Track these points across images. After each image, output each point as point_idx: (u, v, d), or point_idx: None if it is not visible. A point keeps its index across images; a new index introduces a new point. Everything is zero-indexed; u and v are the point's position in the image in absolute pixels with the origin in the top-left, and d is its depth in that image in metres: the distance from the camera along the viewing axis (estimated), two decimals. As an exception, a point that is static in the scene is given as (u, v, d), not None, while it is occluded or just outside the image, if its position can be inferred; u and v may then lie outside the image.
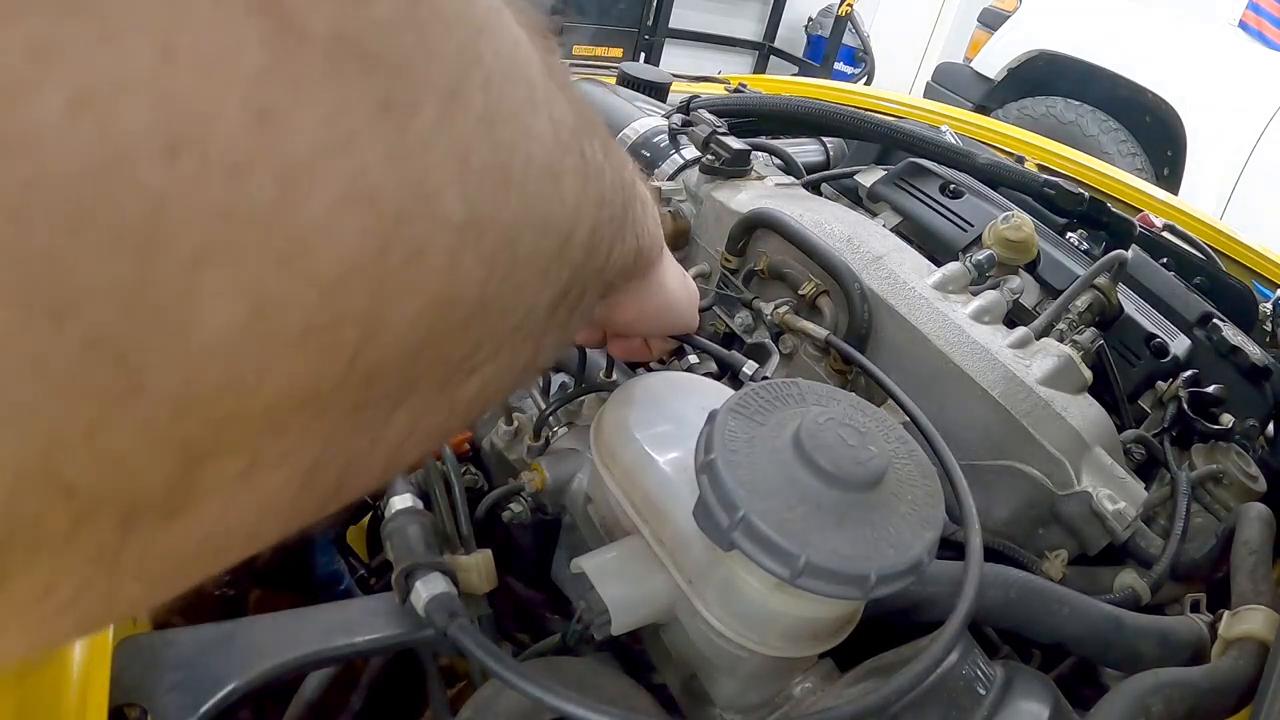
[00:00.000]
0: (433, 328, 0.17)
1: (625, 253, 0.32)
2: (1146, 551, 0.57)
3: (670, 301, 0.43)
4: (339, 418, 0.17)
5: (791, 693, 0.42)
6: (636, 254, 0.34)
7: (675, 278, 0.44)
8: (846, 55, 5.10)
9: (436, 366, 0.19)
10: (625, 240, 0.32)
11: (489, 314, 0.19)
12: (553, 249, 0.22)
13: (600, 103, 0.96)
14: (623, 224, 0.30)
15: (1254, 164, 2.99)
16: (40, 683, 0.29)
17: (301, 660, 0.40)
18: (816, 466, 0.34)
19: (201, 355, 0.13)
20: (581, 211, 0.23)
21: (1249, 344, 0.75)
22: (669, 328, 0.47)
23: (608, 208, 0.27)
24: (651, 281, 0.41)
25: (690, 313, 0.47)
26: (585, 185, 0.23)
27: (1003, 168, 0.81)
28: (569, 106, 0.23)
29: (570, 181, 0.22)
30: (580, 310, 0.29)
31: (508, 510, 0.53)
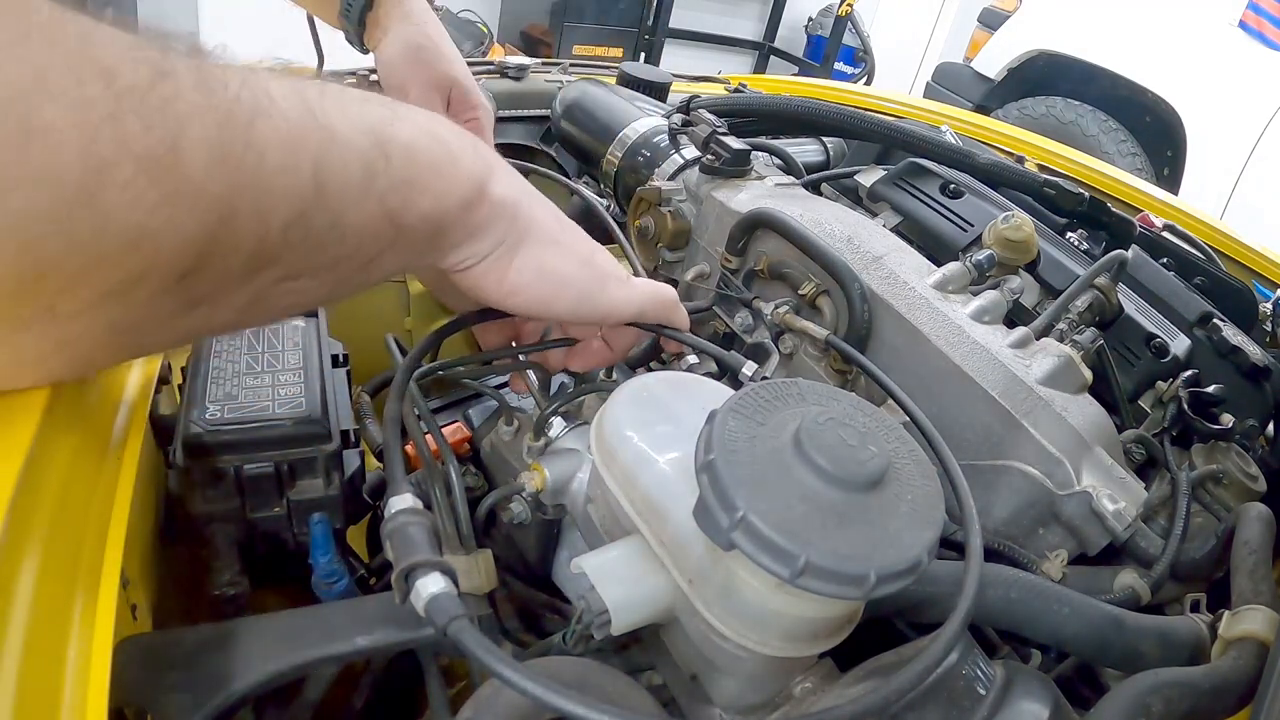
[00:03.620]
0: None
1: (382, 211, 0.36)
2: (1146, 551, 0.57)
3: (548, 281, 0.45)
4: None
5: (791, 693, 0.42)
6: (390, 222, 0.37)
7: (558, 258, 0.46)
8: (846, 55, 5.10)
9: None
10: (380, 200, 0.36)
11: (37, 287, 0.27)
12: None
13: (600, 103, 0.96)
14: (313, 199, 0.33)
15: (1254, 164, 2.99)
16: (40, 682, 0.29)
17: (301, 661, 0.40)
18: (816, 466, 0.34)
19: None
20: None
21: (1249, 344, 0.75)
22: (567, 310, 0.47)
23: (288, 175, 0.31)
24: (503, 253, 0.44)
25: (604, 300, 0.48)
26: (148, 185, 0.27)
27: (1003, 168, 0.81)
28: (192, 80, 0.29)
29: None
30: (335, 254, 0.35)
31: (508, 510, 0.53)
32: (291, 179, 0.32)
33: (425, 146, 0.39)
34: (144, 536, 0.45)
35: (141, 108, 0.27)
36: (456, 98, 0.83)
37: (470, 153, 0.42)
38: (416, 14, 0.83)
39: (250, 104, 0.31)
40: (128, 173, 0.27)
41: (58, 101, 0.25)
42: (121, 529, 0.37)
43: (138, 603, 0.41)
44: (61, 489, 0.36)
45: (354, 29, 0.84)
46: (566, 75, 1.18)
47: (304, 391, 0.52)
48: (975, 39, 3.91)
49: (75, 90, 0.25)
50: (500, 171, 0.44)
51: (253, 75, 0.32)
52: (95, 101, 0.26)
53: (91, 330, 0.30)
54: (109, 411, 0.44)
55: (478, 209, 0.42)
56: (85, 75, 0.26)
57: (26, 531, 0.32)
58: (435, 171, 0.39)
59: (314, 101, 0.34)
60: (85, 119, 0.26)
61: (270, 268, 0.33)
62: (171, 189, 0.28)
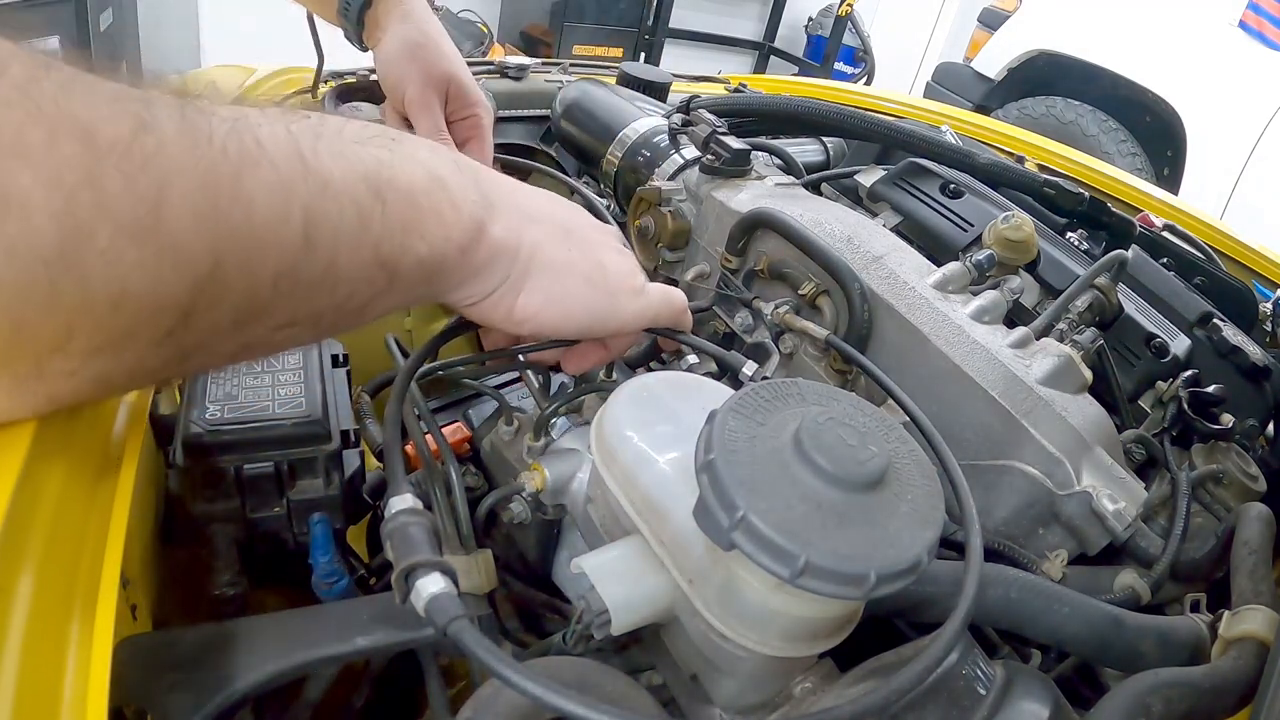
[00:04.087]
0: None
1: (375, 259, 0.35)
2: (1146, 551, 0.57)
3: (558, 307, 0.45)
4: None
5: (791, 693, 0.42)
6: (383, 269, 0.36)
7: (564, 282, 0.45)
8: (846, 55, 5.10)
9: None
10: (375, 248, 0.35)
11: (22, 350, 0.27)
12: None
13: (600, 103, 0.96)
14: (304, 250, 0.32)
15: (1254, 164, 2.99)
16: (40, 682, 0.29)
17: (301, 661, 0.40)
18: (816, 466, 0.34)
19: None
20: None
21: (1249, 344, 0.75)
22: (580, 330, 0.47)
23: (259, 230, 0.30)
24: (505, 290, 0.43)
25: (617, 316, 0.48)
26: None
27: (1003, 168, 0.81)
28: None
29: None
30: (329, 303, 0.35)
31: (508, 510, 0.53)
32: (280, 231, 0.31)
33: (424, 189, 0.38)
34: (144, 536, 0.45)
35: (122, 165, 0.26)
36: (455, 95, 0.83)
37: (471, 192, 0.41)
38: (415, 12, 0.83)
39: (237, 154, 0.30)
40: (107, 237, 0.26)
41: (32, 164, 0.24)
42: (121, 529, 0.37)
43: (138, 603, 0.41)
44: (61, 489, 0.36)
45: (353, 27, 0.84)
46: (566, 75, 1.18)
47: (304, 391, 0.52)
48: (975, 39, 3.91)
49: (50, 152, 0.25)
50: (500, 208, 0.43)
51: (241, 120, 0.31)
52: (72, 163, 0.25)
53: (83, 383, 0.30)
54: (109, 411, 0.44)
55: (477, 251, 0.41)
56: (61, 135, 0.25)
57: (27, 531, 0.32)
58: (434, 216, 0.38)
59: (307, 146, 0.33)
60: (62, 181, 0.25)
61: (260, 319, 0.33)
62: (154, 249, 0.27)
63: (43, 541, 0.33)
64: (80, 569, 0.35)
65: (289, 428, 0.50)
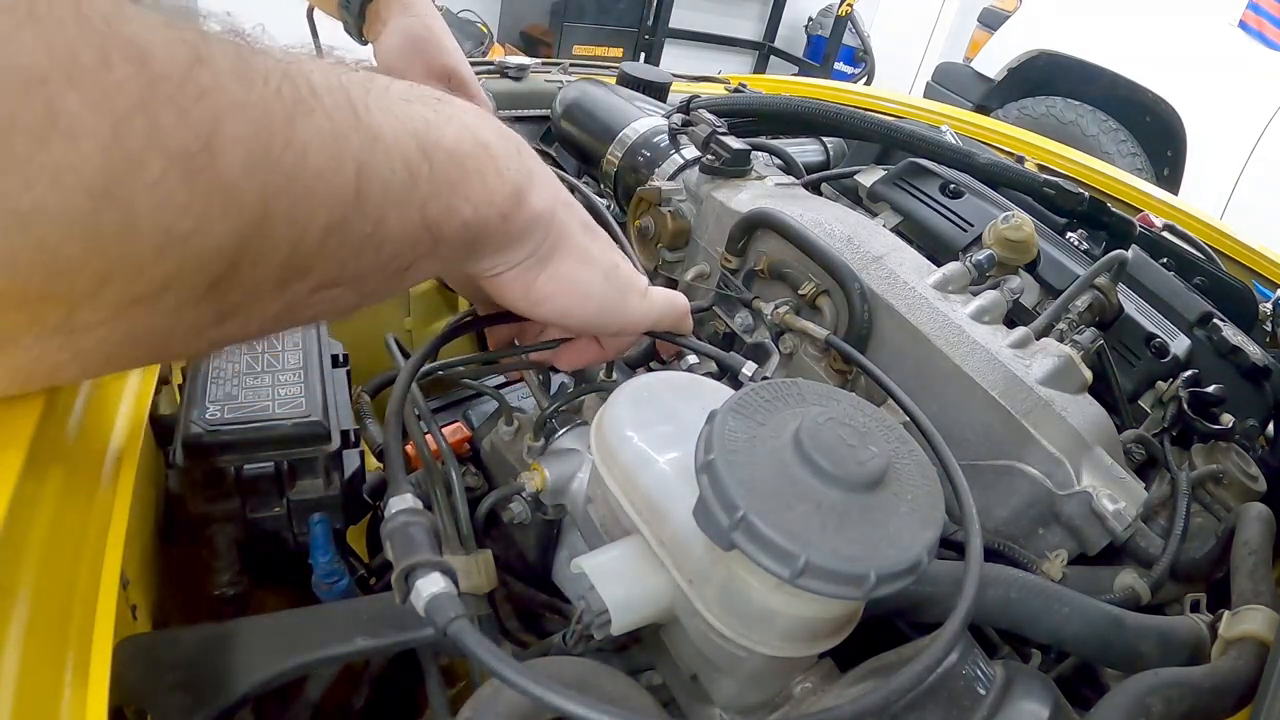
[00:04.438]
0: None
1: (422, 219, 0.35)
2: (1146, 551, 0.57)
3: (573, 293, 0.45)
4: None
5: (791, 693, 0.42)
6: (428, 230, 0.35)
7: (583, 269, 0.45)
8: (846, 55, 5.10)
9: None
10: (421, 208, 0.34)
11: (55, 296, 0.25)
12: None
13: (600, 103, 0.96)
14: (354, 204, 0.31)
15: (1254, 164, 2.99)
16: (40, 682, 0.29)
17: (301, 661, 0.40)
18: (816, 466, 0.34)
19: None
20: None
21: (1249, 344, 0.75)
22: (586, 322, 0.47)
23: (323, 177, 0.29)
24: (532, 264, 0.43)
25: (624, 313, 0.47)
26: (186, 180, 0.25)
27: (1003, 168, 0.81)
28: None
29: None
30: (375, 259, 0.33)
31: (508, 510, 0.53)
32: (332, 183, 0.30)
33: (469, 152, 0.37)
34: (144, 537, 0.45)
35: (176, 97, 0.24)
36: (456, 89, 0.83)
37: (514, 158, 0.40)
38: (416, 6, 0.82)
39: (292, 99, 0.28)
40: (157, 170, 0.24)
41: (83, 87, 0.22)
42: (121, 529, 0.37)
43: (138, 603, 0.41)
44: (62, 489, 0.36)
45: (353, 20, 0.84)
46: (566, 75, 1.18)
47: (304, 391, 0.52)
48: (975, 39, 3.91)
49: (103, 75, 0.23)
50: (539, 179, 0.42)
51: (295, 65, 0.29)
52: (125, 88, 0.23)
53: (112, 340, 0.28)
54: (109, 411, 0.44)
55: (515, 219, 0.40)
56: (114, 58, 0.23)
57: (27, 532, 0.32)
58: (478, 179, 0.37)
59: (358, 98, 0.32)
60: (113, 107, 0.23)
61: (304, 277, 0.31)
62: (204, 190, 0.25)
63: (43, 542, 0.32)
64: (80, 569, 0.35)
65: (289, 428, 0.50)
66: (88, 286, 0.25)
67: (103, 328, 0.27)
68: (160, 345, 0.30)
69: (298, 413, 0.51)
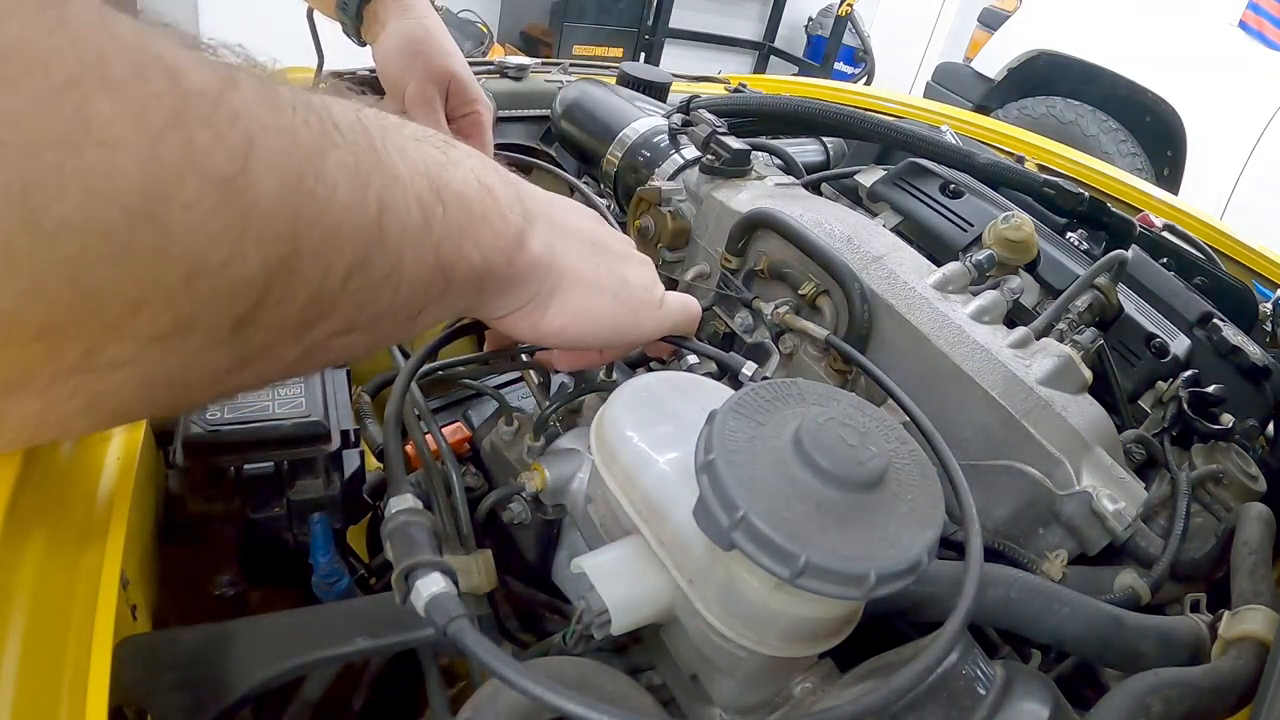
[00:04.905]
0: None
1: (436, 261, 0.34)
2: (1146, 551, 0.57)
3: (583, 321, 0.45)
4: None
5: (791, 693, 0.42)
6: (441, 273, 0.35)
7: (591, 298, 0.45)
8: (846, 55, 5.10)
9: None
10: (435, 249, 0.34)
11: (78, 328, 0.23)
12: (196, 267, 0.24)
13: (600, 103, 0.96)
14: (377, 244, 0.30)
15: (1254, 164, 2.99)
16: (40, 683, 0.29)
17: (301, 661, 0.40)
18: (816, 466, 0.34)
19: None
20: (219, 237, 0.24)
21: (1249, 344, 0.75)
22: (603, 343, 0.47)
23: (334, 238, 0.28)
24: (536, 304, 0.43)
25: (638, 329, 0.48)
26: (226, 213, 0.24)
27: (1003, 168, 0.81)
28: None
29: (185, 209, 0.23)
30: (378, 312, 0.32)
31: (508, 510, 0.53)
32: (357, 219, 0.29)
33: (476, 196, 0.37)
34: (144, 537, 0.45)
35: (211, 118, 0.23)
36: (455, 91, 0.83)
37: (515, 202, 0.40)
38: (414, 7, 0.82)
39: (318, 131, 0.28)
40: (194, 192, 0.23)
41: (118, 95, 0.21)
42: (121, 529, 0.37)
43: (138, 603, 0.41)
44: (61, 489, 0.36)
45: (351, 22, 0.83)
46: (566, 75, 1.18)
47: (304, 391, 0.53)
48: (975, 39, 3.91)
49: (138, 85, 0.22)
50: (538, 223, 0.42)
51: (314, 98, 0.29)
52: (161, 100, 0.22)
53: (130, 385, 0.26)
54: (109, 411, 0.44)
55: (518, 262, 0.40)
56: (148, 69, 0.22)
57: (26, 532, 0.32)
58: (484, 223, 0.37)
59: (376, 135, 0.31)
60: (149, 119, 0.22)
61: (325, 319, 0.30)
62: (239, 216, 0.24)
63: (42, 542, 0.33)
64: (80, 569, 0.35)
65: (289, 428, 0.50)
66: (115, 315, 0.23)
67: (123, 369, 0.25)
68: (176, 393, 0.28)
69: (298, 413, 0.51)
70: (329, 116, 0.29)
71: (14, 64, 0.19)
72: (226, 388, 0.30)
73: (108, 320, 0.23)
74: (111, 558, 0.36)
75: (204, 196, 0.23)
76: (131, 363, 0.25)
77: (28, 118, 0.20)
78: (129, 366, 0.25)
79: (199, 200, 0.23)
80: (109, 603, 0.34)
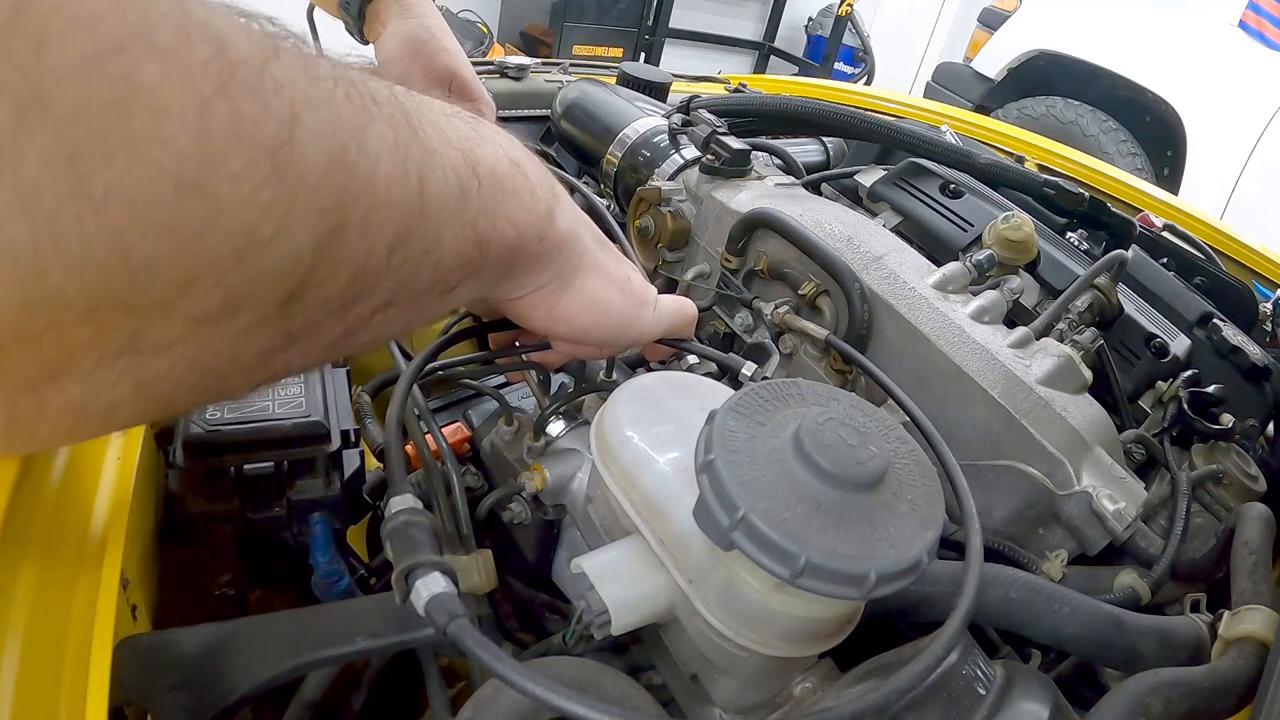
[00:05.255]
0: (30, 321, 0.21)
1: (474, 237, 0.34)
2: (1146, 551, 0.57)
3: (593, 311, 0.44)
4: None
5: (791, 693, 0.42)
6: (478, 247, 0.34)
7: (603, 287, 0.45)
8: (846, 55, 5.10)
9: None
10: (473, 224, 0.34)
11: (127, 307, 0.22)
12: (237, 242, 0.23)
13: (600, 103, 0.96)
14: (418, 218, 0.30)
15: (1254, 164, 2.99)
16: (40, 682, 0.29)
17: (301, 661, 0.40)
18: (816, 466, 0.34)
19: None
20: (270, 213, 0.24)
21: (1249, 344, 0.75)
22: (604, 338, 0.47)
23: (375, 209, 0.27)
24: (557, 285, 0.43)
25: (638, 326, 0.47)
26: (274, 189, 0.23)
27: (1003, 168, 0.81)
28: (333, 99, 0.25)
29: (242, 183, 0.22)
30: (421, 286, 0.32)
31: (508, 510, 0.53)
32: (399, 193, 0.29)
33: (507, 172, 0.37)
34: (144, 537, 0.45)
35: (257, 87, 0.23)
36: (457, 90, 0.83)
37: (544, 179, 0.40)
38: (416, 7, 0.82)
39: (359, 104, 0.27)
40: (242, 160, 0.22)
41: (165, 60, 0.20)
42: (121, 529, 0.38)
43: (138, 603, 0.41)
44: (61, 489, 0.36)
45: (354, 21, 0.84)
46: (566, 75, 1.18)
47: (304, 391, 0.53)
48: (975, 39, 3.91)
49: (184, 51, 0.21)
50: (563, 201, 0.42)
51: (349, 72, 0.28)
52: (208, 68, 0.21)
53: (178, 369, 0.25)
54: (109, 411, 0.44)
55: (548, 239, 0.40)
56: (193, 35, 0.21)
57: (26, 532, 0.32)
58: (515, 199, 0.37)
59: (411, 110, 0.31)
60: (196, 86, 0.21)
61: (369, 296, 0.30)
62: (287, 189, 0.24)
63: (43, 542, 0.33)
64: (80, 569, 0.35)
65: (289, 428, 0.50)
66: (164, 293, 0.22)
67: (170, 352, 0.24)
68: (222, 377, 0.28)
69: (298, 413, 0.51)
70: (366, 90, 0.28)
71: (60, 23, 0.18)
72: (271, 371, 0.30)
73: (157, 298, 0.22)
74: (111, 558, 0.36)
75: (253, 167, 0.23)
76: (179, 345, 0.24)
77: (74, 79, 0.19)
78: (176, 349, 0.24)
79: (248, 170, 0.22)
80: (109, 603, 0.34)
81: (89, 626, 0.33)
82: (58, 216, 0.19)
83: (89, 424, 0.25)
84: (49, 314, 0.21)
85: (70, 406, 0.24)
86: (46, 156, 0.19)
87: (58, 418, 0.24)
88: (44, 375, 0.23)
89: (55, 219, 0.19)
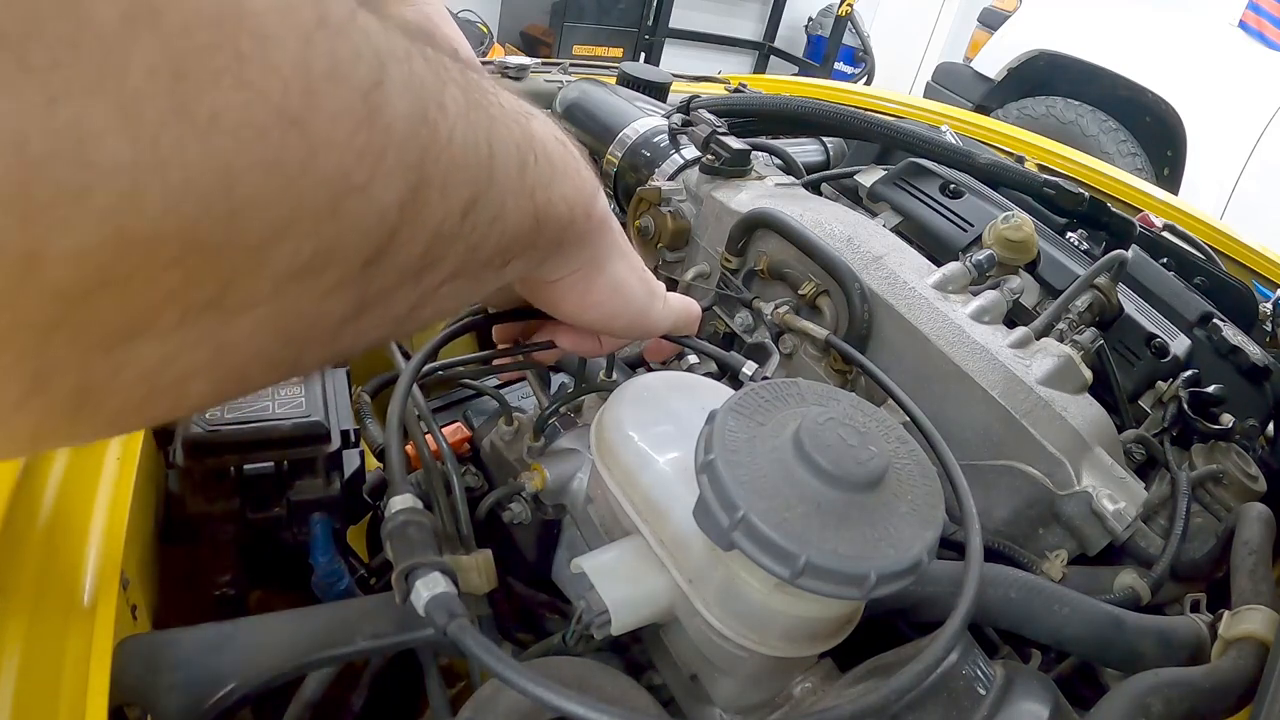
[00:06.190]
0: (120, 259, 0.18)
1: (533, 208, 0.33)
2: (1146, 551, 0.57)
3: (620, 296, 0.44)
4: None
5: (791, 693, 0.42)
6: (535, 220, 0.34)
7: (629, 273, 0.45)
8: (846, 55, 5.10)
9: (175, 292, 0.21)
10: (531, 196, 0.33)
11: (222, 251, 0.20)
12: (288, 195, 0.21)
13: (600, 103, 0.96)
14: (488, 184, 0.29)
15: (1254, 164, 2.99)
16: (40, 682, 0.29)
17: (301, 661, 0.40)
18: (816, 466, 0.34)
19: None
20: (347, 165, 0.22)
21: (1249, 344, 0.75)
22: (624, 326, 0.47)
23: (439, 164, 0.26)
24: (592, 268, 0.42)
25: (651, 317, 0.47)
26: (357, 136, 0.22)
27: (1003, 168, 0.81)
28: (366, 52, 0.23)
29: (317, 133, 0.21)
30: (448, 269, 0.30)
31: (508, 510, 0.53)
32: (474, 156, 0.28)
33: (555, 149, 0.37)
34: (144, 537, 0.45)
35: (350, 28, 0.22)
36: None
37: (586, 158, 0.41)
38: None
39: (434, 64, 0.26)
40: (340, 100, 0.21)
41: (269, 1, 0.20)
42: (121, 529, 0.38)
43: (138, 603, 0.41)
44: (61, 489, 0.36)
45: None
46: (566, 75, 1.18)
47: (304, 391, 0.53)
48: (975, 39, 3.91)
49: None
50: (600, 185, 0.42)
51: (416, 37, 0.28)
52: (305, 13, 0.21)
53: (257, 336, 0.24)
54: (109, 411, 0.44)
55: (593, 217, 0.40)
56: None
57: (26, 532, 0.32)
58: (564, 175, 0.37)
59: (473, 79, 0.30)
60: (299, 17, 0.20)
61: (440, 264, 0.29)
62: (379, 135, 0.23)
63: (43, 542, 0.33)
64: (80, 569, 0.35)
65: (289, 428, 0.50)
66: (261, 237, 0.21)
67: (255, 312, 0.23)
68: (299, 346, 0.26)
69: (298, 413, 0.51)
70: (437, 55, 0.28)
71: None
72: (342, 343, 0.29)
73: (251, 244, 0.21)
74: (111, 558, 0.36)
75: (350, 108, 0.22)
76: (264, 304, 0.23)
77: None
78: (260, 309, 0.23)
79: (346, 111, 0.22)
80: (109, 603, 0.34)
81: (89, 627, 0.33)
82: (160, 137, 0.18)
83: (160, 399, 0.23)
84: (142, 251, 0.19)
85: (145, 373, 0.22)
86: (152, 68, 0.17)
87: (130, 387, 0.22)
88: (124, 329, 0.21)
89: (158, 139, 0.18)
